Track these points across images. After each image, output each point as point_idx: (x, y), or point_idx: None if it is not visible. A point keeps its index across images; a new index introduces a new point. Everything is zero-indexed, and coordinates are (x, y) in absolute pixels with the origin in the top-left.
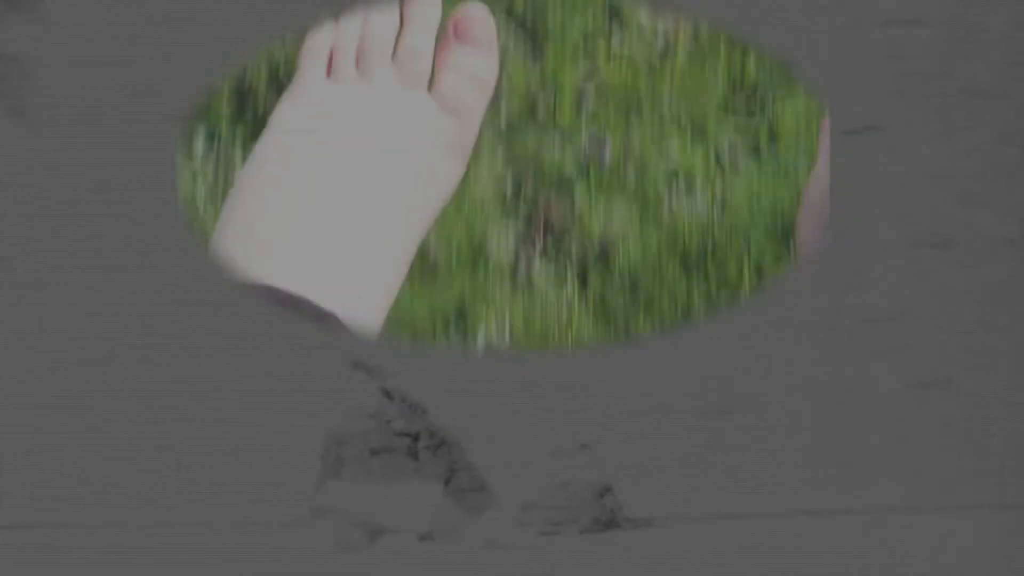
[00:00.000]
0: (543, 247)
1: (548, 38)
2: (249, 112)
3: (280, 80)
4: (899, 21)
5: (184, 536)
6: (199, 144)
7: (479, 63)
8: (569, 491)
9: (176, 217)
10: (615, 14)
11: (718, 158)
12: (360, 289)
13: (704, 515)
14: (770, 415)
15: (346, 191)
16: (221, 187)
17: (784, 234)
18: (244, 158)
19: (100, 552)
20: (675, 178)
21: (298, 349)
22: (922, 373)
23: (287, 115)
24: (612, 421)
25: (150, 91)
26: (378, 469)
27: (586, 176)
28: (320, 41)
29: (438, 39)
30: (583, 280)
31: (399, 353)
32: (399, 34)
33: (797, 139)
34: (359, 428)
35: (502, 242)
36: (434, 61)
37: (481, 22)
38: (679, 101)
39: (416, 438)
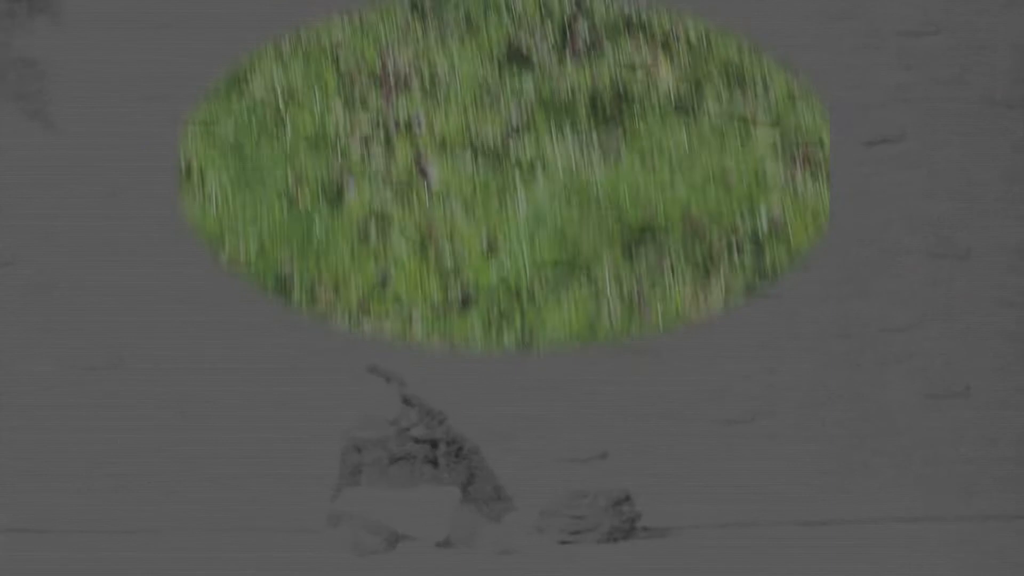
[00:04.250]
0: None
1: None
2: None
3: None
4: (916, 32)
5: (201, 541)
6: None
7: None
8: (588, 500)
9: (185, 222)
10: None
11: None
12: None
13: (721, 524)
14: (786, 424)
15: None
16: None
17: None
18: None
19: (107, 555)
20: None
21: (316, 355)
22: (938, 382)
23: None
24: (630, 430)
25: (167, 96)
26: (397, 476)
27: None
28: None
29: None
30: None
31: (419, 360)
32: None
33: None
34: (378, 435)
35: None
36: None
37: None
38: None
39: (435, 445)
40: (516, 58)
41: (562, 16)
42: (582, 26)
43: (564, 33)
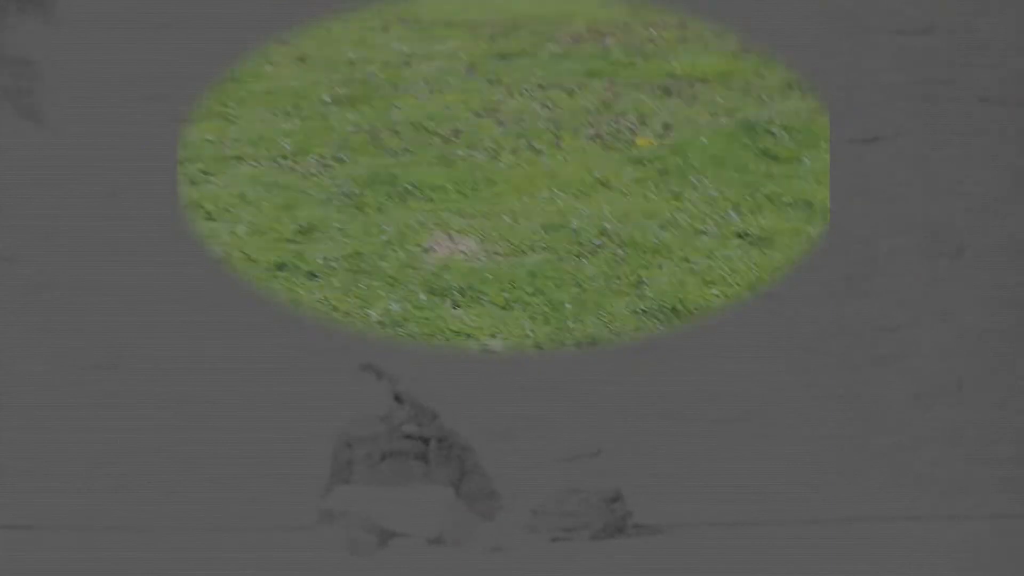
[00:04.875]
0: None
1: None
2: None
3: None
4: (911, 30)
5: (201, 541)
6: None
7: None
8: (579, 497)
9: (186, 222)
10: None
11: None
12: None
13: (713, 522)
14: (779, 423)
15: None
16: None
17: None
18: None
19: (106, 555)
20: None
21: (308, 353)
22: (934, 381)
23: None
24: (625, 429)
25: (161, 95)
26: (389, 472)
27: None
28: None
29: None
30: None
31: (410, 357)
32: None
33: None
34: (370, 432)
35: None
36: None
37: None
38: None
39: (426, 442)
40: None
41: None
42: None
43: None
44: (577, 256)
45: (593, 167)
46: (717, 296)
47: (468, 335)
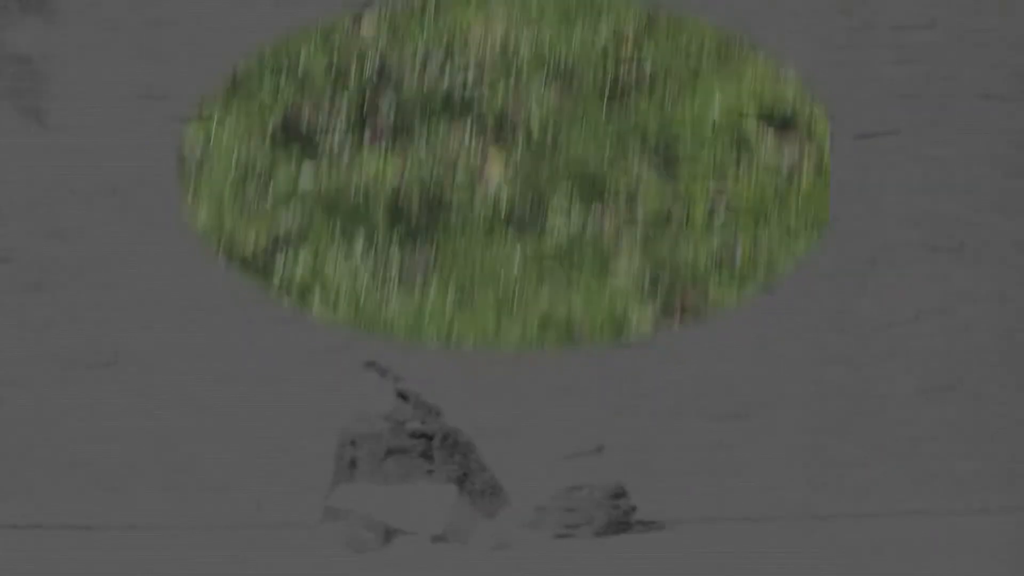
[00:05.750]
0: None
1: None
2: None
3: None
4: (912, 26)
5: (196, 537)
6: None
7: None
8: (583, 494)
9: (184, 220)
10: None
11: None
12: None
13: (717, 518)
14: (782, 419)
15: None
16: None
17: None
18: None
19: (109, 553)
20: None
21: (312, 351)
22: (934, 377)
23: None
24: (625, 425)
25: (161, 93)
26: (392, 470)
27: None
28: None
29: None
30: None
31: (415, 356)
32: None
33: None
34: (374, 429)
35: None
36: None
37: None
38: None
39: (430, 440)
40: (294, 135)
41: (361, 86)
42: (387, 102)
43: (362, 110)
44: None
45: None
46: None
47: None
